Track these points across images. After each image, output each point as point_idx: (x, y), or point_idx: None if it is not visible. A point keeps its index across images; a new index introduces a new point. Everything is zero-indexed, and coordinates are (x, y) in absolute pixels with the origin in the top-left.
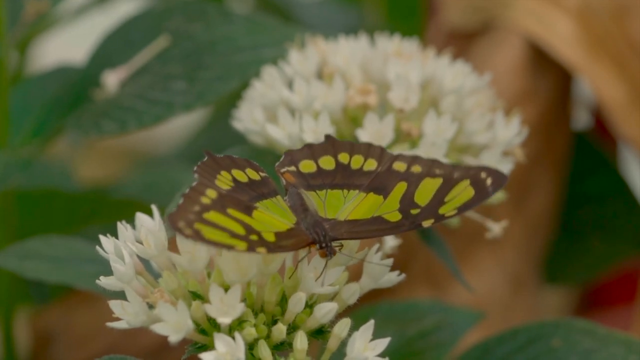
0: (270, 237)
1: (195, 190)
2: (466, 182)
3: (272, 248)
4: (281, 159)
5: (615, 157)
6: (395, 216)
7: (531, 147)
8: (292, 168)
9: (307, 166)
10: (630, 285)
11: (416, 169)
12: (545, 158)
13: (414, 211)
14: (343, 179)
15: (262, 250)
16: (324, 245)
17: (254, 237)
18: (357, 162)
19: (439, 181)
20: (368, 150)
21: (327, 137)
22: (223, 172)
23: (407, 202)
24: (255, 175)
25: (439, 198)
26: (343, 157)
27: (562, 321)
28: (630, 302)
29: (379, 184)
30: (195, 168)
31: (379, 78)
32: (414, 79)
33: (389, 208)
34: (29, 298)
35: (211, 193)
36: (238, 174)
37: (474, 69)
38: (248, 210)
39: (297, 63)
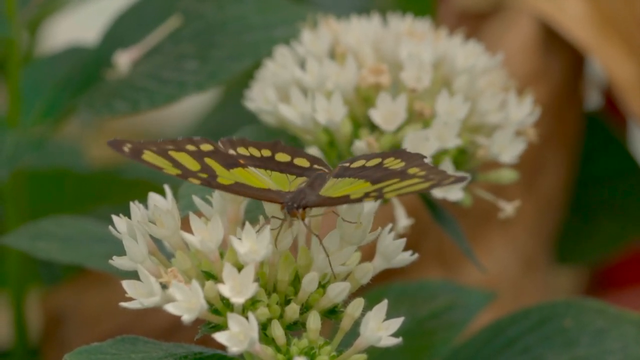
0: (225, 182)
1: (187, 139)
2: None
3: (206, 182)
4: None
5: (625, 136)
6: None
7: (542, 127)
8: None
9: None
10: None
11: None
12: (556, 138)
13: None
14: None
15: (194, 181)
16: (289, 204)
17: (203, 175)
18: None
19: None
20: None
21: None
22: (250, 148)
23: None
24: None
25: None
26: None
27: (573, 301)
28: None
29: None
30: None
31: (391, 58)
32: (427, 58)
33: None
34: (40, 279)
35: (205, 147)
36: (265, 152)
37: (486, 49)
38: (228, 165)
39: (309, 42)
